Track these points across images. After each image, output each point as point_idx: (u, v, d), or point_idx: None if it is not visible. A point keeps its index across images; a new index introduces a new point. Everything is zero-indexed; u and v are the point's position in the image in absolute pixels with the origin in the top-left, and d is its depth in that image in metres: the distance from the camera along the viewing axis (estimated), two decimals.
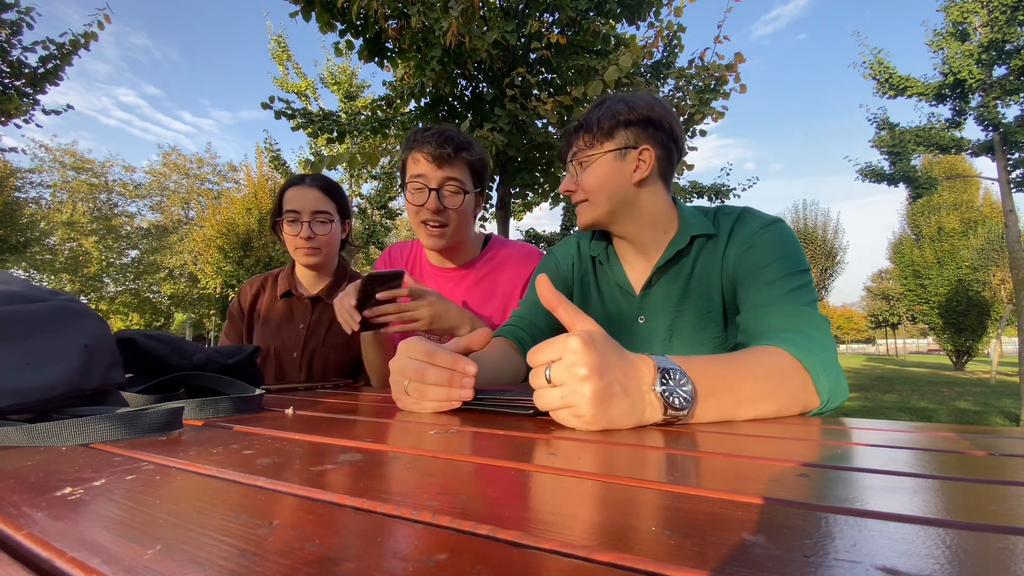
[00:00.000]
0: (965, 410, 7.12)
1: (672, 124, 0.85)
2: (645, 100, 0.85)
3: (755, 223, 0.82)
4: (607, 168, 0.84)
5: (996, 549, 0.19)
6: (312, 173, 1.38)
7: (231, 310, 1.40)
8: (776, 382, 0.58)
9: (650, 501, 0.25)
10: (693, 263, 0.85)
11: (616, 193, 0.84)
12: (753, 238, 0.80)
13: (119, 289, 19.06)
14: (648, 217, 0.86)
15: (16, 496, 0.27)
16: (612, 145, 0.84)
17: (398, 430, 0.47)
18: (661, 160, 0.85)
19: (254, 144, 9.95)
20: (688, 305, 0.85)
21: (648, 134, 0.83)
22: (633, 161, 0.84)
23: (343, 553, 0.19)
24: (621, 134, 0.83)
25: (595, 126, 0.84)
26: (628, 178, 0.84)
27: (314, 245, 1.29)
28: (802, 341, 0.63)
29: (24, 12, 4.41)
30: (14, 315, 0.51)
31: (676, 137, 0.86)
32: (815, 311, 0.70)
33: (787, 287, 0.73)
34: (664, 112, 0.84)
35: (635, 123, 0.83)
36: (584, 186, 0.85)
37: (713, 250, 0.84)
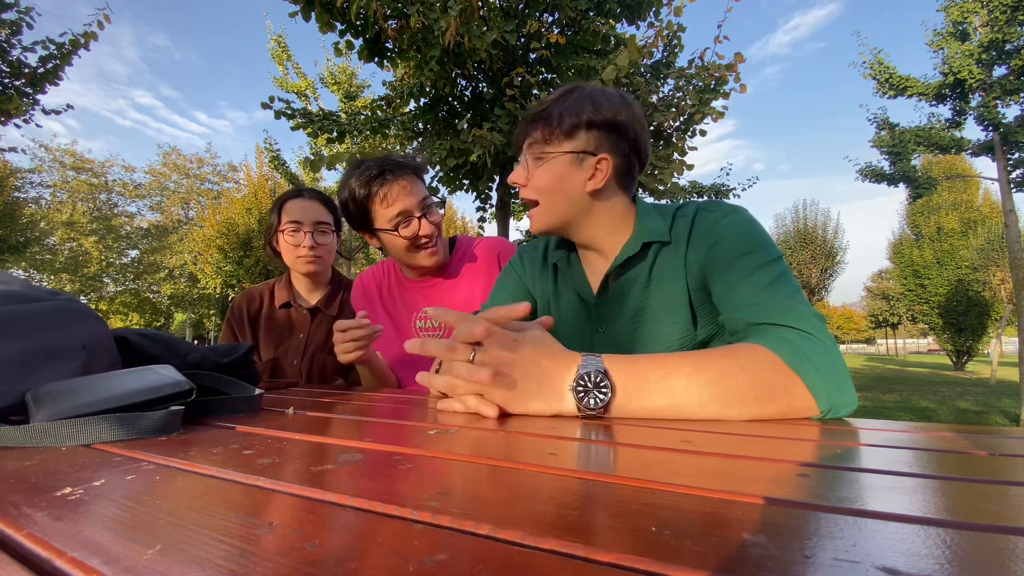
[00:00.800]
0: (966, 410, 7.13)
1: (637, 133, 0.80)
2: (613, 102, 0.79)
3: (712, 217, 0.77)
4: (561, 170, 0.79)
5: (996, 549, 0.19)
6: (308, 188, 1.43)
7: (231, 323, 1.42)
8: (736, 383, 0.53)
9: (650, 501, 0.25)
10: (650, 269, 0.80)
11: (568, 200, 0.80)
12: (714, 233, 0.75)
13: (119, 289, 19.06)
14: (603, 223, 0.83)
15: (16, 496, 0.27)
16: (570, 147, 0.79)
17: (398, 430, 0.47)
18: (619, 170, 0.81)
19: (263, 145, 9.91)
20: (648, 313, 0.81)
21: (610, 141, 0.79)
22: (589, 169, 0.79)
23: (343, 553, 0.19)
24: (581, 136, 0.79)
25: (555, 120, 0.79)
26: (582, 186, 0.79)
27: (316, 254, 1.33)
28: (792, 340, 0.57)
29: (24, 12, 4.41)
30: (14, 315, 0.50)
31: (639, 147, 0.81)
32: (804, 304, 0.63)
33: (765, 279, 0.67)
34: (631, 118, 0.79)
35: (598, 126, 0.78)
36: (536, 185, 0.81)
37: (673, 254, 0.79)
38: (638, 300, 0.81)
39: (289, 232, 1.32)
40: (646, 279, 0.81)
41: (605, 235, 0.83)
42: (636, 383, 0.53)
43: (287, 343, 1.37)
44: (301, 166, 9.62)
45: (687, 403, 0.53)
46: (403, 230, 1.04)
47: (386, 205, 1.04)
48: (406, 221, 1.04)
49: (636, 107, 0.81)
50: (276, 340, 1.38)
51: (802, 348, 0.56)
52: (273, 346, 1.37)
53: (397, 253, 1.09)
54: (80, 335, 0.55)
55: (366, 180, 1.03)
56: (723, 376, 0.53)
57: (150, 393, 0.48)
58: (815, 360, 0.55)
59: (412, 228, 1.05)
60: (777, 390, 0.54)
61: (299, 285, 1.42)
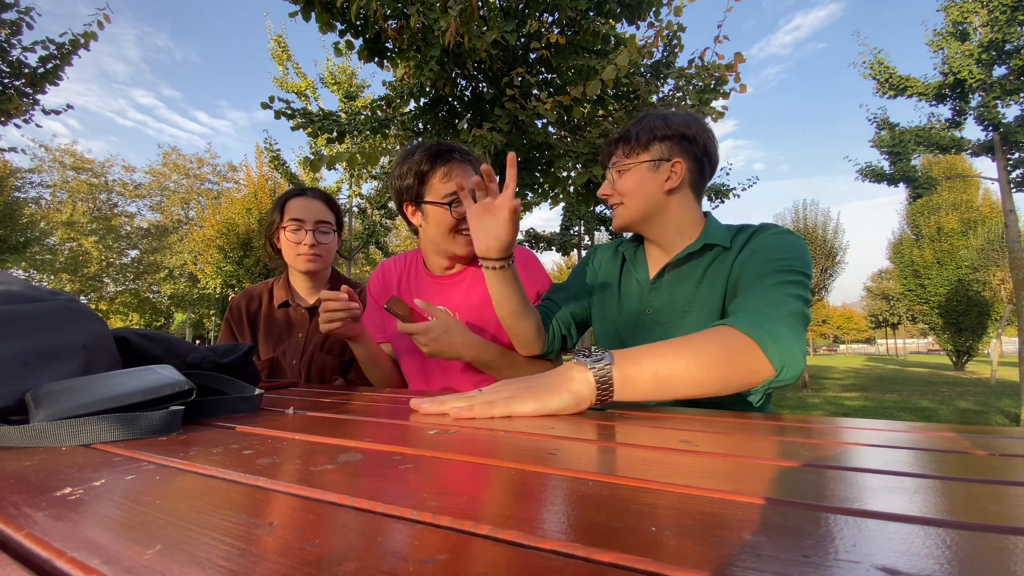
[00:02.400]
0: (966, 409, 7.13)
1: (706, 141, 0.93)
2: (681, 118, 0.94)
3: (765, 231, 0.88)
4: (641, 176, 0.93)
5: (996, 549, 0.19)
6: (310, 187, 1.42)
7: (230, 322, 1.41)
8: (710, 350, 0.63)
9: (650, 501, 0.25)
10: (705, 270, 0.91)
11: (648, 198, 0.93)
12: (758, 242, 0.86)
13: (119, 289, 19.05)
14: (674, 222, 0.95)
15: (16, 496, 0.27)
16: (647, 156, 0.93)
17: (398, 430, 0.47)
18: (692, 172, 0.94)
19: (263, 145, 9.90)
20: (694, 308, 0.90)
21: (681, 148, 0.92)
22: (666, 172, 0.92)
23: (343, 553, 0.19)
24: (656, 147, 0.92)
25: (633, 139, 0.94)
26: (660, 186, 0.92)
27: (316, 252, 1.33)
28: (752, 317, 0.68)
29: (24, 12, 4.41)
30: (14, 315, 0.50)
31: (709, 152, 0.94)
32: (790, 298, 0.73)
33: (775, 280, 0.76)
34: (699, 130, 0.93)
35: (670, 138, 0.92)
36: (620, 190, 0.95)
37: (724, 259, 0.90)
38: (689, 295, 0.91)
39: (291, 230, 1.32)
40: (700, 277, 0.91)
41: (673, 234, 0.96)
42: (631, 353, 0.63)
43: (286, 343, 1.37)
44: (301, 166, 9.64)
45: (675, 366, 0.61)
46: (455, 208, 1.06)
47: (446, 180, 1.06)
48: (459, 201, 1.06)
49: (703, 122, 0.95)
50: (275, 340, 1.38)
51: (757, 321, 0.67)
52: (272, 346, 1.37)
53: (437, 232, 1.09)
54: (80, 335, 0.55)
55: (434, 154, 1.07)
56: (700, 342, 0.65)
57: (150, 393, 0.48)
58: (766, 327, 0.66)
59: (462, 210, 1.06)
60: (738, 351, 0.64)
61: (298, 284, 1.42)
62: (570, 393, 0.57)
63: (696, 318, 0.89)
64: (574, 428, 0.47)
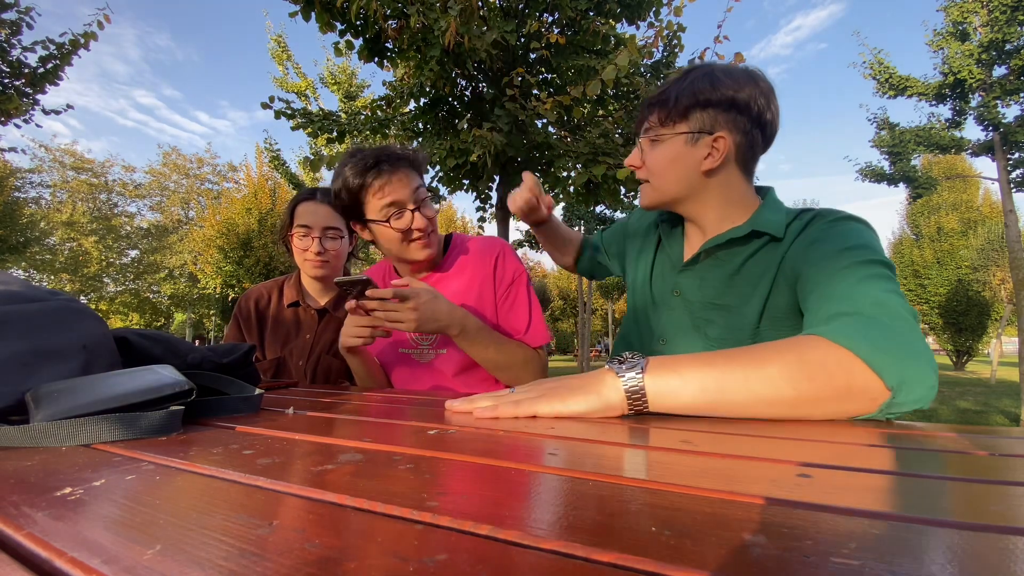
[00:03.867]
0: (966, 409, 7.12)
1: (761, 108, 0.76)
2: (735, 77, 0.76)
3: (824, 219, 0.73)
4: (675, 151, 0.78)
5: (996, 549, 0.19)
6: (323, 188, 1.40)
7: (238, 317, 1.41)
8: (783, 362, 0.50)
9: (650, 501, 0.25)
10: (745, 260, 0.78)
11: (682, 180, 0.79)
12: (818, 233, 0.71)
13: (119, 289, 19.05)
14: (716, 204, 0.81)
15: (16, 496, 0.27)
16: (685, 127, 0.77)
17: (398, 430, 0.47)
18: (740, 147, 0.77)
19: (263, 145, 9.91)
20: (725, 301, 0.79)
21: (728, 119, 0.76)
22: (705, 148, 0.77)
23: (343, 553, 0.19)
24: (697, 116, 0.77)
25: (672, 102, 0.77)
26: (697, 165, 0.78)
27: (324, 259, 1.33)
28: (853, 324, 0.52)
29: (24, 12, 4.41)
30: (13, 315, 0.50)
31: (764, 123, 0.77)
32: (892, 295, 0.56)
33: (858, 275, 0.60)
34: (753, 93, 0.75)
35: (715, 104, 0.75)
36: (649, 166, 0.82)
37: (772, 251, 0.76)
38: (721, 285, 0.80)
39: (299, 236, 1.32)
40: (738, 267, 0.78)
41: (715, 216, 0.81)
42: (671, 361, 0.54)
43: (293, 343, 1.36)
44: (301, 166, 9.64)
45: (730, 379, 0.50)
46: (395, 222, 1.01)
47: (380, 196, 1.01)
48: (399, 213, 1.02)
49: (763, 82, 0.77)
50: (283, 339, 1.37)
51: (861, 328, 0.51)
52: (279, 345, 1.36)
53: (389, 246, 1.07)
54: (80, 335, 0.55)
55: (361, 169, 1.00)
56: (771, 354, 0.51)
57: (150, 393, 0.48)
58: (874, 336, 0.50)
59: (404, 220, 1.02)
60: (830, 367, 0.49)
61: (309, 286, 1.42)
62: (598, 398, 0.54)
63: (726, 313, 0.78)
64: (574, 428, 0.47)
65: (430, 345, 1.13)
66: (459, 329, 0.96)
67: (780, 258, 0.74)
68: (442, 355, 1.12)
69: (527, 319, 1.12)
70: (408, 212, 1.03)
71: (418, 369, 1.14)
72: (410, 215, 1.03)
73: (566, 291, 26.61)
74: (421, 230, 1.05)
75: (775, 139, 0.82)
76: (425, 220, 1.05)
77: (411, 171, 1.04)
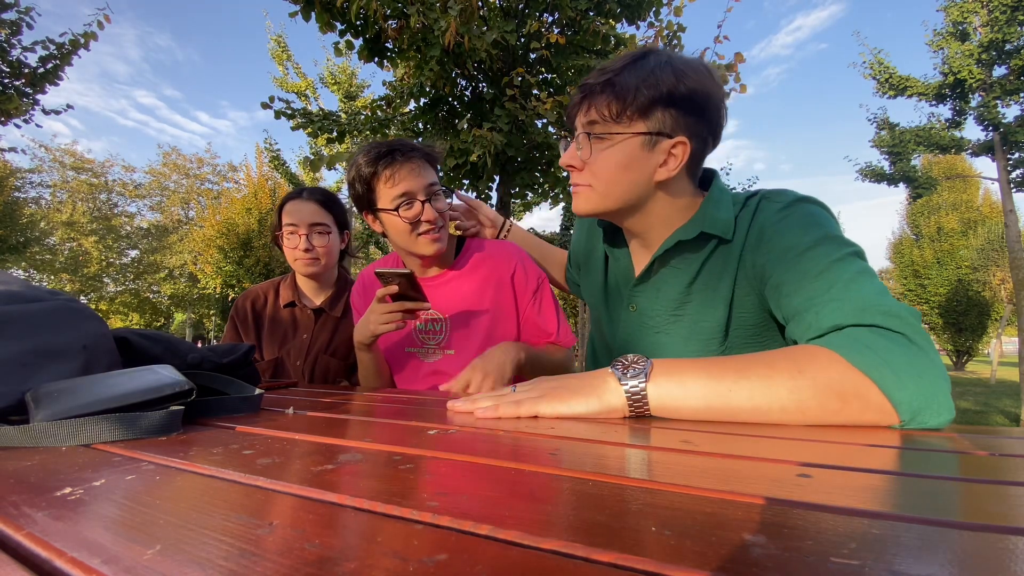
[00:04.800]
0: (966, 410, 7.12)
1: (718, 110, 0.68)
2: (698, 72, 0.66)
3: (773, 208, 0.67)
4: (629, 155, 0.67)
5: (996, 549, 0.19)
6: (310, 187, 1.41)
7: (235, 319, 1.42)
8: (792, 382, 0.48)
9: (650, 501, 0.25)
10: (702, 264, 0.72)
11: (632, 189, 0.69)
12: (776, 228, 0.65)
13: (119, 289, 19.04)
14: (663, 215, 0.73)
15: (16, 496, 0.27)
16: (643, 127, 0.66)
17: (398, 430, 0.47)
18: (695, 156, 0.69)
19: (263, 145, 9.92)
20: (688, 310, 0.74)
21: (690, 122, 0.66)
22: (662, 154, 0.67)
23: (343, 553, 0.19)
24: (658, 115, 0.66)
25: (630, 93, 0.65)
26: (651, 173, 0.68)
27: (312, 256, 1.32)
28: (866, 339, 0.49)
29: (24, 12, 4.41)
30: (13, 315, 0.50)
31: (716, 129, 0.70)
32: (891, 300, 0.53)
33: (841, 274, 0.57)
34: (714, 93, 0.66)
35: (678, 103, 0.65)
36: (595, 169, 0.70)
37: (727, 251, 0.70)
38: (680, 294, 0.73)
39: (287, 234, 1.33)
40: (695, 273, 0.72)
41: (660, 226, 0.73)
42: (676, 367, 0.52)
43: (290, 343, 1.36)
44: (301, 166, 9.65)
45: (735, 393, 0.49)
46: (404, 211, 1.01)
47: (391, 185, 1.01)
48: (409, 203, 1.01)
49: (718, 77, 0.69)
50: (280, 340, 1.37)
51: (875, 347, 0.48)
52: (277, 346, 1.37)
53: (398, 238, 1.06)
54: (80, 335, 0.55)
55: (374, 157, 1.01)
56: (781, 370, 0.49)
57: (150, 393, 0.48)
58: (892, 359, 0.47)
59: (415, 211, 1.02)
60: (846, 394, 0.47)
61: (304, 285, 1.42)
62: (599, 401, 0.53)
63: (691, 322, 0.74)
64: (574, 428, 0.47)
65: (437, 345, 1.13)
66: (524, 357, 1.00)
67: (737, 257, 0.68)
68: (449, 356, 1.12)
69: (556, 322, 1.14)
70: (418, 203, 1.02)
71: (422, 369, 1.14)
72: (420, 206, 1.02)
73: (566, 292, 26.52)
74: (431, 222, 1.04)
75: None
76: (435, 213, 1.04)
77: (425, 163, 1.04)
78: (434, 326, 1.13)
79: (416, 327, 1.16)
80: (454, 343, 1.09)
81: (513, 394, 0.57)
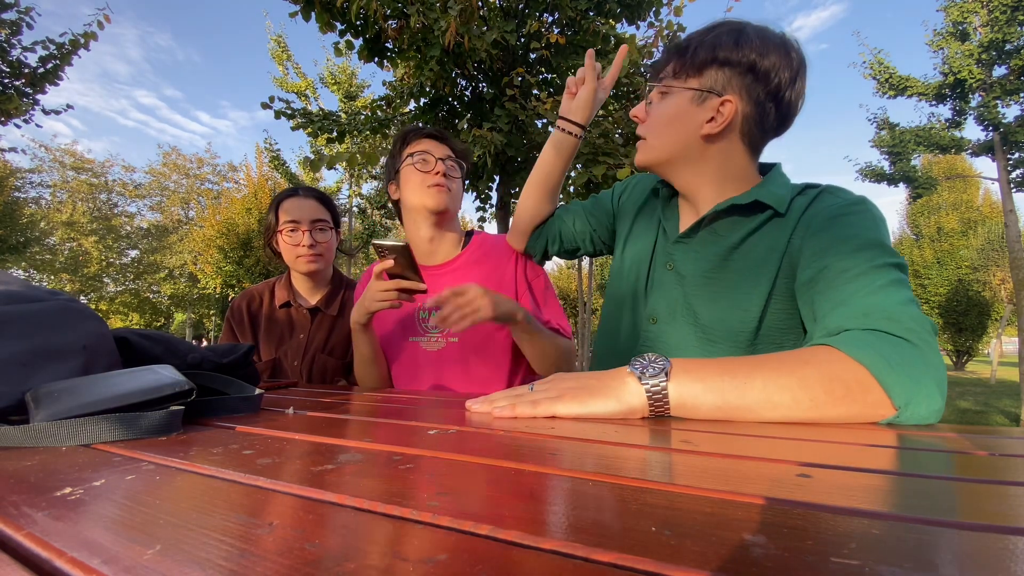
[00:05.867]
0: (966, 409, 7.13)
1: (782, 82, 0.69)
2: (765, 41, 0.69)
3: (835, 201, 0.68)
4: (678, 108, 0.73)
5: (996, 549, 0.19)
6: (304, 185, 1.42)
7: (231, 322, 1.41)
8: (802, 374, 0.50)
9: (650, 501, 0.25)
10: (748, 233, 0.73)
11: (678, 141, 0.74)
12: (828, 219, 0.66)
13: (119, 289, 19.04)
14: (712, 176, 0.75)
15: (16, 496, 0.27)
16: (695, 83, 0.72)
17: (398, 430, 0.47)
18: (748, 119, 0.72)
19: (263, 145, 9.93)
20: (724, 275, 0.73)
21: (742, 83, 0.70)
22: (710, 110, 0.71)
23: (343, 553, 0.19)
24: (710, 74, 0.71)
25: (689, 53, 0.72)
26: (697, 127, 0.72)
27: (316, 252, 1.32)
28: (867, 338, 0.52)
29: (24, 12, 4.41)
30: (14, 315, 0.50)
31: (781, 98, 0.71)
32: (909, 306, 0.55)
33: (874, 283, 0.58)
34: (779, 63, 0.68)
35: (733, 64, 0.70)
36: (650, 120, 0.77)
37: (778, 228, 0.71)
38: (719, 258, 0.75)
39: (287, 232, 1.32)
40: (739, 240, 0.73)
41: (710, 188, 0.76)
42: (695, 366, 0.53)
43: (287, 343, 1.36)
44: (301, 166, 9.64)
45: (751, 389, 0.51)
46: (419, 164, 1.10)
47: (412, 147, 1.13)
48: (424, 157, 1.10)
49: (796, 54, 0.70)
50: (276, 340, 1.37)
51: (874, 344, 0.51)
52: (274, 346, 1.37)
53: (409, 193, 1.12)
54: (80, 335, 0.55)
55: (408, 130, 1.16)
56: (789, 365, 0.52)
57: (150, 393, 0.48)
58: (887, 354, 0.50)
59: (427, 164, 1.10)
60: (847, 383, 0.50)
61: (299, 285, 1.42)
62: (618, 401, 0.53)
63: (722, 288, 0.73)
64: (574, 428, 0.47)
65: (440, 333, 1.13)
66: (523, 313, 0.98)
67: (787, 238, 0.70)
68: (453, 344, 1.11)
69: (559, 316, 1.15)
70: (432, 159, 1.11)
71: (423, 359, 1.13)
72: (434, 162, 1.10)
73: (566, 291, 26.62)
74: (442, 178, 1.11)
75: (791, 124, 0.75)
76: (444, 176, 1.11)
77: (447, 144, 1.15)
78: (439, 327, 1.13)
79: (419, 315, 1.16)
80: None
81: (530, 393, 0.57)
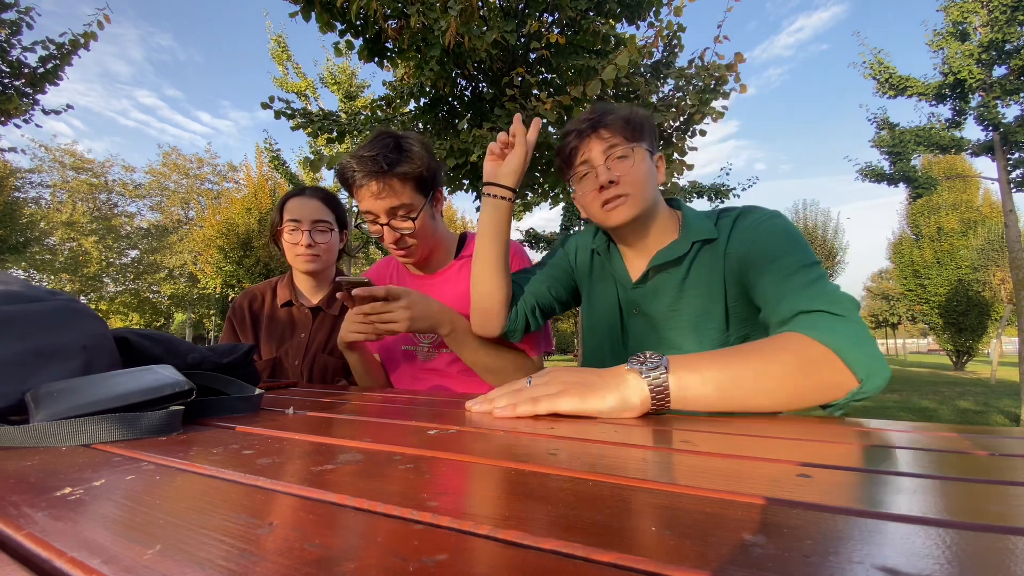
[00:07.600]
0: (966, 409, 7.12)
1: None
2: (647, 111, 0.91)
3: (755, 216, 0.83)
4: (647, 165, 0.87)
5: (996, 549, 0.19)
6: (311, 185, 1.42)
7: (232, 321, 1.41)
8: (781, 359, 0.57)
9: (650, 501, 0.25)
10: (690, 265, 0.86)
11: (651, 192, 0.87)
12: (757, 233, 0.80)
13: (119, 289, 19.05)
14: (658, 218, 0.90)
15: (16, 496, 0.27)
16: (647, 145, 0.87)
17: (398, 430, 0.47)
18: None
19: (263, 145, 9.92)
20: (683, 306, 0.87)
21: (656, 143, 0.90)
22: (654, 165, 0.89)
23: (343, 553, 0.19)
24: (648, 136, 0.88)
25: (625, 123, 0.86)
26: (657, 180, 0.89)
27: (314, 252, 1.33)
28: (822, 322, 0.62)
29: (24, 12, 4.41)
30: (14, 315, 0.50)
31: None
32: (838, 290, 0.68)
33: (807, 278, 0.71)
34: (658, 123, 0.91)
35: (651, 129, 0.89)
36: (630, 180, 0.85)
37: (713, 252, 0.85)
38: (674, 292, 0.87)
39: (288, 230, 1.33)
40: (684, 272, 0.86)
41: (655, 231, 0.90)
42: (690, 360, 0.57)
43: (288, 342, 1.36)
44: (301, 166, 9.63)
45: (742, 376, 0.56)
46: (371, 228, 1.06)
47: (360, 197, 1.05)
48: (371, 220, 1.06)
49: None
50: (278, 339, 1.37)
51: (830, 325, 0.61)
52: (275, 345, 1.37)
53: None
54: (80, 335, 0.55)
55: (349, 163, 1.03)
56: (770, 350, 0.59)
57: (150, 393, 0.48)
58: (843, 333, 0.59)
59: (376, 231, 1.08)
60: (819, 363, 0.57)
61: (301, 284, 1.42)
62: (618, 397, 0.54)
63: (688, 316, 0.86)
64: (574, 428, 0.47)
65: (432, 343, 1.13)
66: (449, 328, 0.96)
67: (722, 258, 0.83)
68: (444, 354, 1.12)
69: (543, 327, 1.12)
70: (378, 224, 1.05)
71: (419, 367, 1.14)
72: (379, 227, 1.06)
73: None
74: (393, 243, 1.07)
75: None
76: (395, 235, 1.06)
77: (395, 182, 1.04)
78: None
79: None
80: None
81: (530, 390, 0.57)
